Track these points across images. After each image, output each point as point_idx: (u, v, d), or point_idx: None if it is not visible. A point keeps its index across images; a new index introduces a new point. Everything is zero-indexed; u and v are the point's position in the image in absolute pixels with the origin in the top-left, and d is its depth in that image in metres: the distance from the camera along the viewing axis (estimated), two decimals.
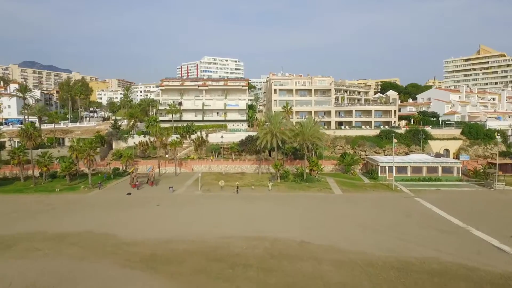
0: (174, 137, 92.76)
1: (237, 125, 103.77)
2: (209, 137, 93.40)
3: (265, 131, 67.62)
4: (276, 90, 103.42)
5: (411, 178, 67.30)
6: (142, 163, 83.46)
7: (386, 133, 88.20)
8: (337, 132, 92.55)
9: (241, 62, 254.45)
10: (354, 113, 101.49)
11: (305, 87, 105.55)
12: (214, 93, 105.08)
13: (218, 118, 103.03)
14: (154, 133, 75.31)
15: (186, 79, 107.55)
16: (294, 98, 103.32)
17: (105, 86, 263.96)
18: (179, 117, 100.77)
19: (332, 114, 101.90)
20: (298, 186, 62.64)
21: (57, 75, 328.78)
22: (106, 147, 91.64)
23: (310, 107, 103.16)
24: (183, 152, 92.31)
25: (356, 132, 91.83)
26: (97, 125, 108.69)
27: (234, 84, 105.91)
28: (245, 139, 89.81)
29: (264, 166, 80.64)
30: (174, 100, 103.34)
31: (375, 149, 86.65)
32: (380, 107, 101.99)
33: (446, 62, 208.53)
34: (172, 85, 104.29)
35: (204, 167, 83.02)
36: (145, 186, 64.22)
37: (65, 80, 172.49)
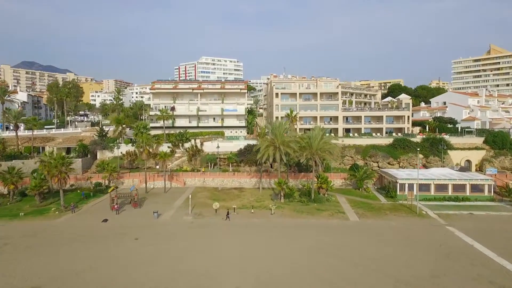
0: (165, 146, 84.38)
1: (236, 131, 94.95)
2: (204, 146, 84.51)
3: (267, 143, 58.72)
4: (278, 93, 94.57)
5: (435, 197, 58.46)
6: (129, 176, 74.57)
7: (401, 142, 79.38)
8: (346, 141, 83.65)
9: (240, 63, 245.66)
10: (363, 119, 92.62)
11: (309, 90, 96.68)
12: (210, 97, 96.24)
13: (214, 124, 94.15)
14: (139, 144, 66.22)
15: (179, 81, 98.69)
16: (297, 102, 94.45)
17: (99, 87, 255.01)
18: (171, 123, 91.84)
19: (339, 120, 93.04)
20: (306, 208, 53.70)
21: (51, 76, 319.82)
22: (90, 157, 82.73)
23: (315, 112, 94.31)
24: (175, 163, 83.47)
25: (367, 140, 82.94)
26: (82, 132, 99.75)
27: (232, 87, 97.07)
28: (244, 148, 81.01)
29: (265, 180, 71.76)
30: (166, 105, 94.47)
31: (388, 160, 77.83)
32: (392, 113, 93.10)
33: (454, 62, 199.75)
34: (164, 88, 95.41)
35: (198, 181, 74.13)
36: (127, 207, 55.31)
37: (53, 82, 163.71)
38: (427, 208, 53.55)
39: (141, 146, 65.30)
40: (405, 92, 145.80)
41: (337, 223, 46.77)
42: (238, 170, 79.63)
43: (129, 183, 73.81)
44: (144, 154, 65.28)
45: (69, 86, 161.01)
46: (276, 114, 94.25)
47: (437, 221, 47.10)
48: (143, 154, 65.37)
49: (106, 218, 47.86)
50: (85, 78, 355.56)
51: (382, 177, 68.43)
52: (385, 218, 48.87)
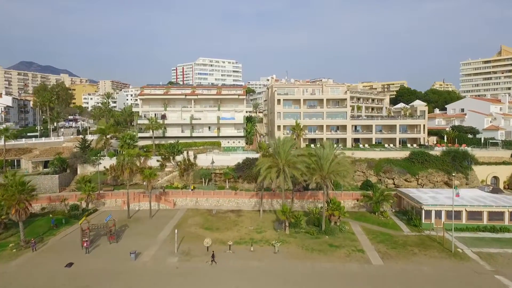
0: (154, 159, 75.45)
1: (233, 142, 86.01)
2: (198, 159, 75.55)
3: (269, 164, 49.65)
4: (280, 100, 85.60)
5: (467, 226, 49.54)
6: (111, 196, 65.56)
7: (418, 156, 70.47)
8: (356, 153, 74.75)
9: (239, 64, 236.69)
10: (374, 128, 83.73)
11: (315, 96, 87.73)
12: (205, 104, 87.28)
13: (209, 134, 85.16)
14: (119, 163, 57.05)
15: (171, 86, 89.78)
16: (301, 109, 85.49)
17: (92, 89, 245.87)
18: (162, 133, 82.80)
19: (347, 129, 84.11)
20: (316, 243, 44.68)
21: (44, 77, 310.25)
22: (69, 172, 73.71)
23: (320, 121, 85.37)
24: (165, 178, 74.52)
25: (380, 153, 74.01)
26: (65, 141, 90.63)
27: (229, 92, 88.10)
28: (243, 163, 72.15)
29: (267, 200, 62.90)
30: (157, 112, 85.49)
31: (405, 177, 68.93)
32: (406, 121, 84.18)
33: (462, 64, 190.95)
34: (154, 94, 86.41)
35: (190, 201, 65.20)
36: (102, 241, 46.32)
37: (40, 85, 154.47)
38: (461, 242, 44.65)
39: (121, 164, 56.09)
40: (415, 96, 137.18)
41: (357, 268, 37.74)
42: (236, 187, 70.81)
43: (111, 204, 64.83)
44: (125, 173, 56.14)
45: (57, 89, 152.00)
46: (278, 122, 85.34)
47: (480, 266, 38.16)
48: (125, 174, 56.21)
49: (71, 262, 38.75)
50: (79, 79, 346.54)
51: (401, 198, 59.51)
52: (414, 260, 39.89)
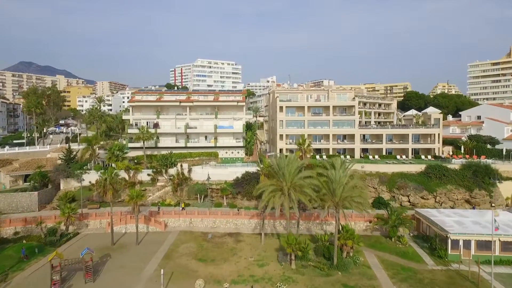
0: (145, 173, 68.85)
1: (232, 152, 79.35)
2: (193, 172, 68.98)
3: (272, 187, 42.92)
4: (283, 107, 78.97)
5: (501, 259, 42.90)
6: (95, 216, 58.74)
7: (436, 170, 63.93)
8: (367, 167, 68.17)
9: (238, 65, 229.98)
10: (385, 137, 77.10)
11: (320, 103, 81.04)
12: (201, 111, 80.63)
13: (206, 144, 78.50)
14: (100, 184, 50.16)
15: (165, 92, 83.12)
16: (306, 117, 78.86)
17: (88, 91, 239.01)
18: (154, 143, 76.10)
19: (356, 138, 77.50)
20: (328, 284, 37.95)
21: (39, 79, 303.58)
22: (51, 188, 67.01)
23: (326, 130, 78.74)
24: (157, 194, 67.88)
25: (393, 167, 67.38)
26: (50, 151, 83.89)
27: (227, 99, 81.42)
28: (242, 177, 65.64)
29: (269, 221, 56.25)
30: (149, 120, 78.84)
31: (422, 194, 62.38)
32: (419, 130, 77.54)
33: (470, 66, 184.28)
34: (145, 101, 79.70)
35: (183, 222, 58.58)
36: (77, 278, 39.63)
37: (31, 88, 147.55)
38: (499, 281, 38.01)
39: (102, 184, 49.35)
40: (423, 100, 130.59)
41: None
42: (234, 205, 64.28)
43: (95, 225, 58.09)
44: (108, 194, 49.36)
45: (48, 93, 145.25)
46: (281, 131, 78.67)
47: None
48: (108, 195, 49.44)
49: None
50: (76, 81, 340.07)
51: (420, 221, 52.82)
52: None
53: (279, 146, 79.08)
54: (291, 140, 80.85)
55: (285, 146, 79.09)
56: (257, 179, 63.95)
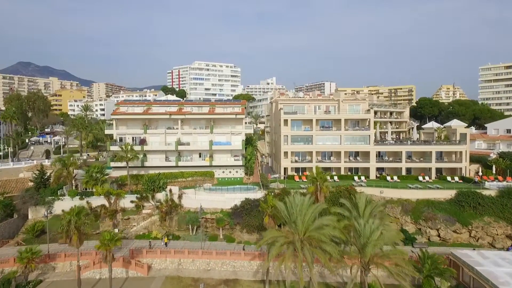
0: (128, 198, 59.21)
1: (230, 171, 69.71)
2: (185, 198, 59.41)
3: (283, 240, 33.06)
4: (288, 120, 69.36)
5: None
6: (65, 257, 48.85)
7: (469, 197, 54.44)
8: (386, 192, 58.66)
9: (237, 68, 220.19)
10: (404, 155, 67.55)
11: (330, 116, 71.41)
12: (195, 124, 70.99)
13: (200, 162, 68.80)
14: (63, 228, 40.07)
15: (153, 102, 73.33)
16: (314, 132, 69.26)
17: (80, 95, 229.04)
18: (140, 162, 66.41)
19: (371, 156, 67.96)
20: None
21: (31, 81, 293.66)
22: (17, 217, 57.27)
23: (337, 146, 69.17)
24: (142, 224, 58.29)
25: (417, 193, 57.87)
26: (24, 169, 73.99)
27: (224, 110, 71.70)
28: (241, 205, 56.08)
29: (273, 264, 46.43)
30: (135, 135, 69.15)
31: (454, 227, 52.84)
32: (444, 147, 68.05)
33: (482, 69, 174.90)
34: (131, 113, 69.94)
35: (171, 264, 48.96)
36: None
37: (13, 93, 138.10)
38: None
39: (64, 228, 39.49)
40: (437, 108, 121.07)
41: None
42: (233, 238, 54.76)
43: (65, 268, 48.43)
44: (73, 239, 39.47)
45: (33, 98, 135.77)
46: (285, 148, 69.08)
47: None
48: (72, 240, 39.57)
49: None
50: (70, 83, 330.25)
51: (459, 267, 43.20)
52: None
53: (283, 165, 69.52)
54: (297, 158, 71.35)
55: (290, 165, 69.57)
56: (259, 208, 54.68)
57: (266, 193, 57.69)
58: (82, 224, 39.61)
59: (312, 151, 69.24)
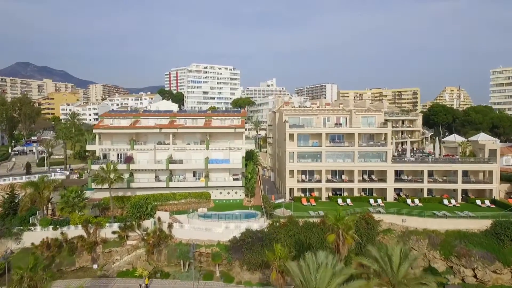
0: (110, 228, 51.15)
1: (228, 192, 61.62)
2: (176, 227, 51.32)
3: None
4: (294, 135, 61.22)
5: None
6: None
7: (509, 229, 46.33)
8: (410, 221, 50.67)
9: (237, 70, 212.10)
10: (426, 174, 59.47)
11: (341, 130, 63.28)
12: (189, 139, 62.87)
13: (194, 183, 60.64)
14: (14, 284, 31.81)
15: (142, 114, 65.02)
16: (323, 148, 61.11)
17: (74, 99, 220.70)
18: (126, 183, 58.20)
19: (388, 175, 59.86)
20: None
21: (24, 83, 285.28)
22: None
23: (350, 164, 61.07)
24: (126, 259, 50.28)
25: (446, 223, 49.77)
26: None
27: (222, 123, 63.56)
28: (241, 238, 47.95)
29: None
30: (121, 152, 61.01)
31: (493, 267, 44.77)
32: (472, 166, 59.99)
33: (493, 72, 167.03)
34: (116, 127, 61.73)
35: None
36: None
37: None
38: None
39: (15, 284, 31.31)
40: (451, 115, 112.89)
41: None
42: (231, 277, 46.83)
43: None
44: None
45: (19, 104, 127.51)
46: (291, 166, 60.95)
47: None
48: None
49: None
50: (65, 85, 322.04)
51: None
52: None
53: (288, 185, 61.43)
54: (304, 176, 63.25)
55: (296, 185, 61.48)
56: (262, 241, 46.68)
57: (270, 223, 49.71)
58: (40, 280, 31.33)
59: (321, 170, 61.12)
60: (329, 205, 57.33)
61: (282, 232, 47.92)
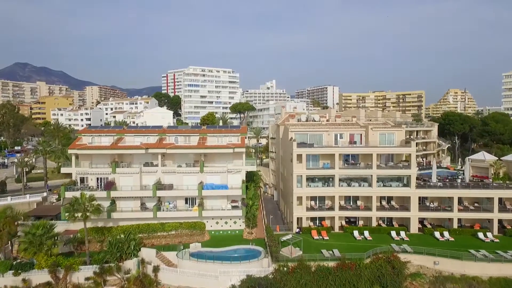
0: (84, 272, 42.69)
1: (226, 222, 53.09)
2: (163, 270, 42.80)
3: None
4: (302, 156, 52.68)
5: None
6: None
7: None
8: (443, 264, 42.22)
9: (236, 73, 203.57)
10: (455, 202, 51.04)
11: (358, 149, 54.71)
12: (180, 160, 54.34)
13: (186, 213, 52.00)
14: None
15: (127, 131, 56.27)
16: (336, 170, 52.54)
17: (66, 103, 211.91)
18: (107, 213, 49.68)
19: (411, 203, 51.39)
20: None
21: (16, 86, 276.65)
22: None
23: (367, 190, 52.60)
24: None
25: (489, 267, 41.32)
26: None
27: (218, 141, 54.94)
28: None
29: None
30: (101, 176, 52.42)
31: None
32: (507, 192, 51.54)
33: (506, 76, 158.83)
34: (96, 147, 53.06)
35: None
36: None
37: None
38: None
39: None
40: (468, 124, 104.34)
41: None
42: None
43: None
44: None
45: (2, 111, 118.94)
46: (299, 192, 52.41)
47: None
48: None
49: None
50: (59, 87, 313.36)
51: None
52: None
53: (296, 214, 52.93)
54: (313, 203, 54.81)
55: (305, 214, 52.97)
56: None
57: (275, 267, 41.25)
58: None
59: (334, 196, 52.67)
60: (344, 239, 49.10)
61: (291, 280, 39.53)
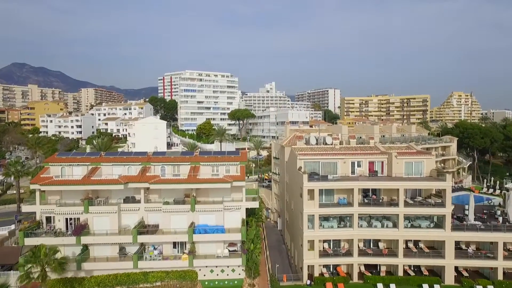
0: None
1: (222, 271, 44.00)
2: None
3: None
4: (314, 191, 43.72)
5: None
6: None
7: None
8: None
9: (234, 78, 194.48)
10: (500, 247, 42.25)
11: (381, 184, 45.65)
12: (168, 193, 45.28)
13: (173, 262, 42.91)
14: None
15: (104, 159, 47.11)
16: (355, 208, 43.66)
17: (57, 108, 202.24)
18: (76, 264, 40.67)
19: (447, 248, 42.56)
20: None
21: (7, 89, 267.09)
22: None
23: (393, 232, 43.72)
24: None
25: None
26: None
27: (213, 173, 45.90)
28: None
29: None
30: (72, 216, 43.32)
31: None
32: None
33: None
34: (66, 181, 43.85)
35: None
36: None
37: None
38: None
39: None
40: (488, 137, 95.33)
41: None
42: None
43: None
44: None
45: None
46: (309, 235, 43.50)
47: None
48: None
49: None
50: (52, 90, 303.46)
51: None
52: None
53: (306, 262, 44.02)
54: (327, 245, 45.92)
55: (317, 261, 44.05)
56: None
57: None
58: None
59: (352, 239, 43.81)
60: None
61: None
